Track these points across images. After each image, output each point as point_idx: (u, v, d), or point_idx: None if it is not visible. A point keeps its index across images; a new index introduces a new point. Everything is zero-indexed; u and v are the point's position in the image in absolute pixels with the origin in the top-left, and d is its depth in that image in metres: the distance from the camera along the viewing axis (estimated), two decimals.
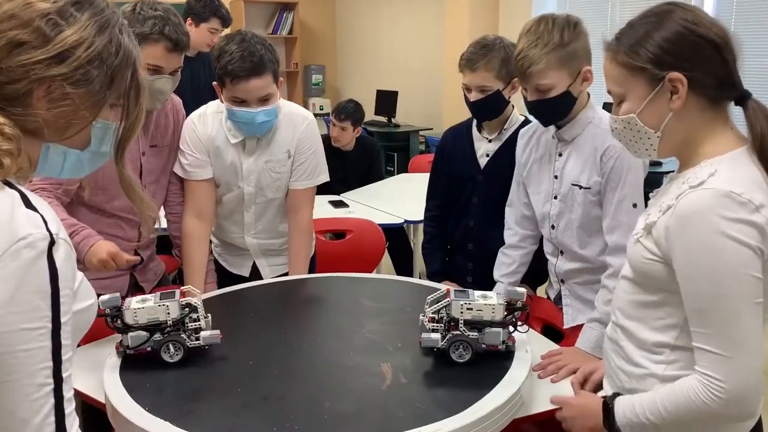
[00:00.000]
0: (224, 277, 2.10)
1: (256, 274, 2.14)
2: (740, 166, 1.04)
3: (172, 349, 1.42)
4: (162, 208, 2.03)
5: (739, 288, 0.99)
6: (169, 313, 1.42)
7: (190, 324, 1.44)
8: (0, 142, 0.81)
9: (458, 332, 1.39)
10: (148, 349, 1.42)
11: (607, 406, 1.17)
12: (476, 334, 1.39)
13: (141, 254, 1.95)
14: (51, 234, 0.81)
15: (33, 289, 0.80)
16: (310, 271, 2.14)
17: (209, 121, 1.98)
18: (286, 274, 2.07)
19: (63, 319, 0.82)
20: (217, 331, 1.45)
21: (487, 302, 1.39)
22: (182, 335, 1.43)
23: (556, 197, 1.75)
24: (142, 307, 1.41)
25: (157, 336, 1.42)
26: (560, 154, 1.74)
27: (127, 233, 1.90)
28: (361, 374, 1.36)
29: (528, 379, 1.37)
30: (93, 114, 0.90)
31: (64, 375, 0.83)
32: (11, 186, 0.84)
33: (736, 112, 1.11)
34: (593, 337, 1.61)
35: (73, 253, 0.86)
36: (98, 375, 1.40)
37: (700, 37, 1.05)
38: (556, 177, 1.75)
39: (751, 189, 1.00)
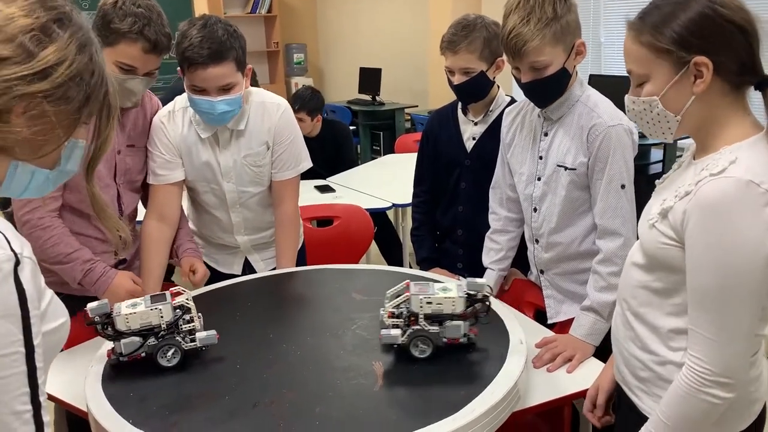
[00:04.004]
0: (215, 278, 2.01)
1: (248, 270, 2.08)
2: (759, 153, 1.02)
3: (169, 354, 1.37)
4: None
5: (747, 285, 0.99)
6: (162, 317, 1.37)
7: (183, 326, 1.40)
8: None
9: (418, 327, 1.35)
10: (143, 354, 1.37)
11: None
12: (437, 328, 1.36)
13: (123, 256, 1.89)
14: (15, 254, 0.78)
15: (2, 313, 0.77)
16: (301, 262, 2.09)
17: (178, 118, 1.89)
18: None
19: (35, 342, 0.80)
20: (213, 332, 1.40)
21: (447, 295, 1.35)
22: (177, 338, 1.38)
23: (539, 179, 1.71)
24: (134, 312, 1.36)
25: (152, 340, 1.37)
26: (546, 134, 1.69)
27: (105, 234, 1.81)
28: (352, 375, 1.32)
29: (524, 372, 1.34)
30: (67, 133, 0.89)
31: (41, 399, 0.81)
32: None
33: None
34: (587, 323, 1.58)
35: (38, 272, 0.83)
36: (80, 382, 1.36)
37: (726, 20, 1.02)
38: (540, 158, 1.70)
39: None
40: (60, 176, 0.93)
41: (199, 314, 1.43)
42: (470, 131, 2.01)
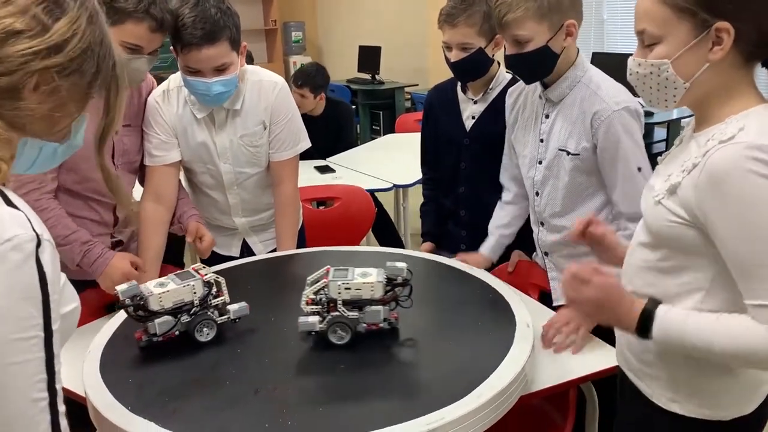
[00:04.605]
0: (212, 260, 1.99)
1: (246, 252, 2.05)
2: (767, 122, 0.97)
3: (206, 330, 1.37)
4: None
5: None
6: (195, 293, 1.36)
7: (212, 301, 1.39)
8: None
9: (337, 313, 1.33)
10: (177, 333, 1.36)
11: (647, 313, 1.05)
12: (357, 313, 1.33)
13: (120, 237, 1.86)
14: (37, 234, 0.76)
15: (23, 295, 0.75)
16: (300, 244, 2.05)
17: (173, 97, 1.84)
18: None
19: (54, 327, 0.78)
20: (245, 303, 1.40)
21: (366, 280, 1.32)
22: (209, 313, 1.38)
23: (540, 162, 1.67)
24: (167, 290, 1.34)
25: (185, 318, 1.36)
26: (547, 116, 1.65)
27: (103, 217, 1.78)
28: (357, 359, 1.29)
29: (531, 355, 1.31)
30: (79, 108, 0.87)
31: (57, 387, 0.78)
32: None
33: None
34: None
35: (56, 256, 0.81)
36: (78, 366, 1.32)
37: None
38: (541, 140, 1.66)
39: None
40: (67, 150, 0.91)
41: None
42: (470, 110, 1.96)
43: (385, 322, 1.35)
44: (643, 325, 1.05)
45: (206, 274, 1.39)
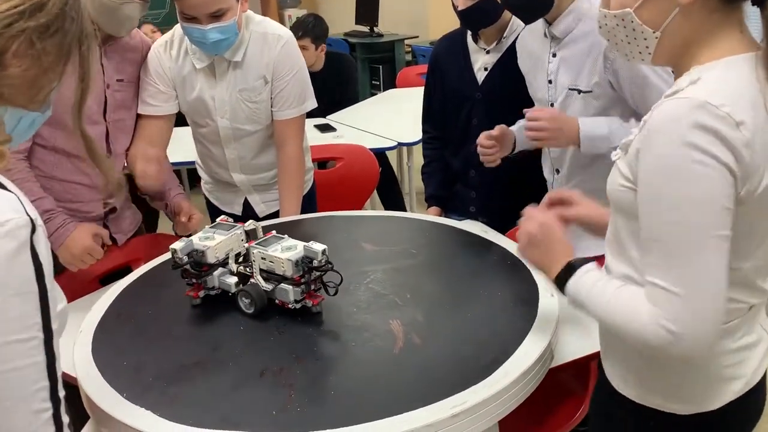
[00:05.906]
0: (213, 216, 1.94)
1: (249, 211, 1.97)
2: (733, 75, 0.83)
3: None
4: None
5: (701, 217, 0.81)
6: (242, 240, 1.36)
7: None
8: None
9: (254, 281, 1.27)
10: None
11: (569, 269, 1.00)
12: (272, 285, 1.26)
13: (113, 204, 1.75)
14: (31, 219, 0.67)
15: (18, 290, 0.66)
16: (311, 207, 1.98)
17: (175, 47, 1.76)
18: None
19: (54, 326, 0.69)
20: None
21: (280, 255, 1.23)
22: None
23: (552, 105, 1.56)
24: (218, 242, 1.31)
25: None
26: (554, 55, 1.54)
27: (93, 180, 1.67)
28: (368, 337, 1.20)
29: (557, 329, 1.22)
30: (61, 72, 0.80)
31: (60, 395, 0.70)
32: None
33: None
34: (599, 130, 1.44)
35: (48, 244, 0.71)
36: (67, 347, 1.22)
37: None
38: (550, 81, 1.56)
39: (736, 102, 0.80)
40: (42, 119, 0.83)
41: None
42: (482, 61, 1.83)
43: (296, 304, 1.25)
44: (563, 278, 1.00)
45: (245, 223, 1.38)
